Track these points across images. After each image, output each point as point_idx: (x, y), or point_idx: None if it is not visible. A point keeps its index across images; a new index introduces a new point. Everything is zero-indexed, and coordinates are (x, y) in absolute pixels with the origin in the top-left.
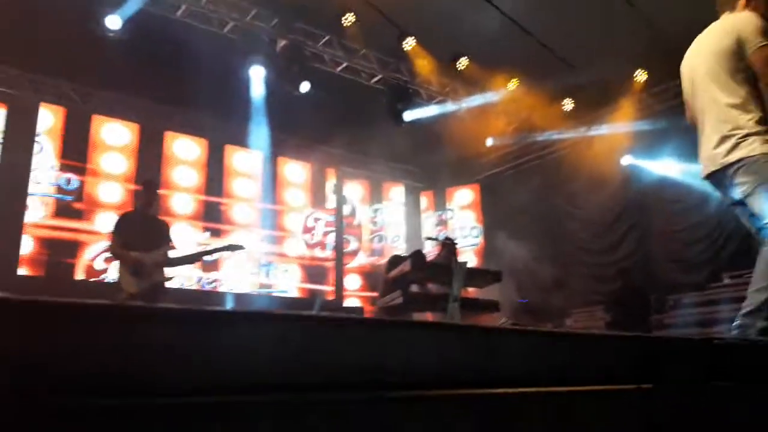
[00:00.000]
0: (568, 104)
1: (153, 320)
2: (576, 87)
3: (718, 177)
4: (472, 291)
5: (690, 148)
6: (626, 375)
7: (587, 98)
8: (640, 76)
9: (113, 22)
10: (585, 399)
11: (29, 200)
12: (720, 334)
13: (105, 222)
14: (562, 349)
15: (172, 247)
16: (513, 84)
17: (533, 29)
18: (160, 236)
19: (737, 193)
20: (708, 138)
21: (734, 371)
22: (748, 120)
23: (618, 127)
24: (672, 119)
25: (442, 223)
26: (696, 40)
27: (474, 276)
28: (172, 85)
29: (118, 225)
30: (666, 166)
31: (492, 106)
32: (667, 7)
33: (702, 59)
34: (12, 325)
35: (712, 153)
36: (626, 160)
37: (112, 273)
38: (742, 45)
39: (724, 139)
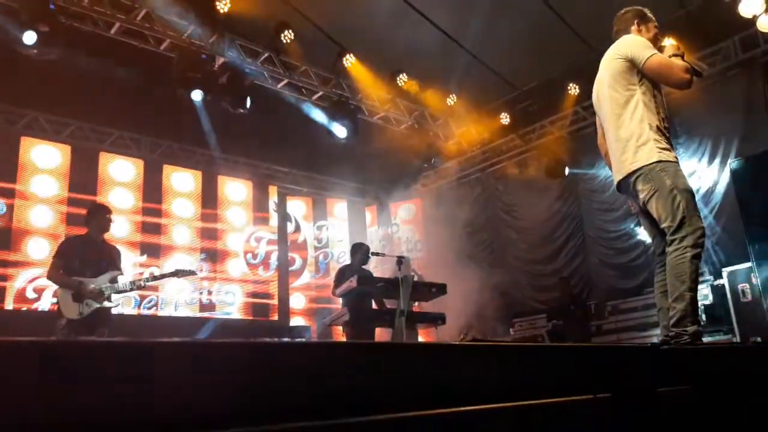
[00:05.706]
0: (505, 118)
1: None
2: (513, 100)
3: (625, 186)
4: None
5: None
6: (583, 385)
7: (524, 111)
8: (573, 89)
9: (29, 37)
10: (542, 412)
11: None
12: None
13: (36, 248)
14: (517, 362)
15: (120, 273)
16: (452, 99)
17: (470, 45)
18: (108, 262)
19: (639, 200)
20: (613, 150)
21: (680, 376)
22: (645, 128)
23: (554, 138)
24: None
25: (388, 237)
26: (601, 64)
27: (420, 289)
28: (106, 104)
29: (61, 250)
30: (599, 176)
31: (432, 120)
32: (594, 21)
33: (603, 79)
34: None
35: (618, 163)
36: (563, 171)
37: (45, 301)
38: (633, 61)
39: (625, 148)
